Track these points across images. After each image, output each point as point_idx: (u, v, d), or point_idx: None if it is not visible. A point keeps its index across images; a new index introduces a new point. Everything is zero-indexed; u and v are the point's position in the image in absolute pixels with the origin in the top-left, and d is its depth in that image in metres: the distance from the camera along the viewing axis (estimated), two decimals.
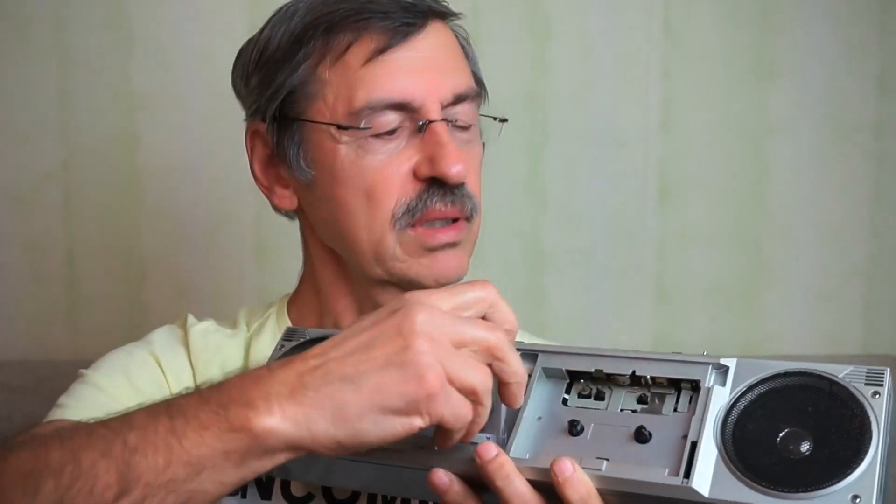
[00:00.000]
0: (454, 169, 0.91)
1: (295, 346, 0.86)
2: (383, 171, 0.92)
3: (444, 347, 0.69)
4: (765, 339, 1.59)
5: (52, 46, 1.56)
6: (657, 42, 1.58)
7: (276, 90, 0.95)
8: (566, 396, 0.78)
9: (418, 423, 0.69)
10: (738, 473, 0.69)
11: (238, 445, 0.68)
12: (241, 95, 1.02)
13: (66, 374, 1.44)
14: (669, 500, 0.70)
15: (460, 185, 0.94)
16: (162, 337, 1.03)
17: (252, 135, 1.00)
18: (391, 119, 0.92)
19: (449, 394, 0.69)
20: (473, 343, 0.70)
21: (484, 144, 1.03)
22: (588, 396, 0.78)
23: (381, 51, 0.92)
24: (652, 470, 0.71)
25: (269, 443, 0.68)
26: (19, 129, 1.58)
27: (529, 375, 0.77)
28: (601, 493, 0.71)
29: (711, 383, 0.74)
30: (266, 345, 1.00)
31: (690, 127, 1.59)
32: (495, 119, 1.03)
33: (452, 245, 0.95)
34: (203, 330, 1.02)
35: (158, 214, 1.58)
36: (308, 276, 1.04)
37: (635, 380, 0.77)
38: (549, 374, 0.79)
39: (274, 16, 0.98)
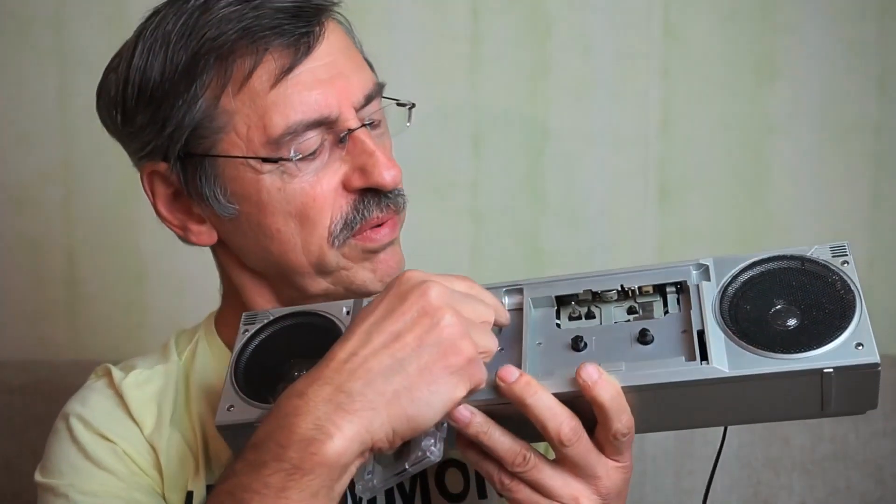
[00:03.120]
0: (389, 176, 0.89)
1: (260, 327, 0.86)
2: (312, 192, 0.89)
3: (464, 317, 0.72)
4: None
5: (52, 46, 1.57)
6: (657, 42, 1.58)
7: (175, 129, 0.89)
8: (558, 322, 0.81)
9: (461, 392, 0.71)
10: (750, 347, 0.73)
11: (319, 483, 0.69)
12: (118, 135, 0.96)
13: (66, 374, 1.45)
14: (691, 386, 0.73)
15: (393, 189, 0.91)
16: (95, 410, 0.96)
17: (150, 176, 0.94)
18: (314, 140, 0.88)
19: (480, 358, 0.73)
20: (478, 316, 0.74)
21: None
22: (579, 318, 0.81)
23: (288, 70, 0.87)
24: (668, 361, 0.75)
25: (343, 461, 0.69)
26: (19, 129, 1.58)
27: (521, 308, 0.81)
28: (624, 390, 0.74)
29: (697, 280, 0.78)
30: (202, 370, 0.97)
31: (690, 127, 1.59)
32: (402, 105, 0.97)
33: (390, 243, 0.93)
34: (135, 382, 0.97)
35: None
36: (231, 295, 1.00)
37: (622, 293, 0.80)
38: (537, 303, 0.81)
39: (138, 42, 0.91)
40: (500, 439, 0.75)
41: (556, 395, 0.74)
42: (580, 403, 0.74)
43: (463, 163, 1.60)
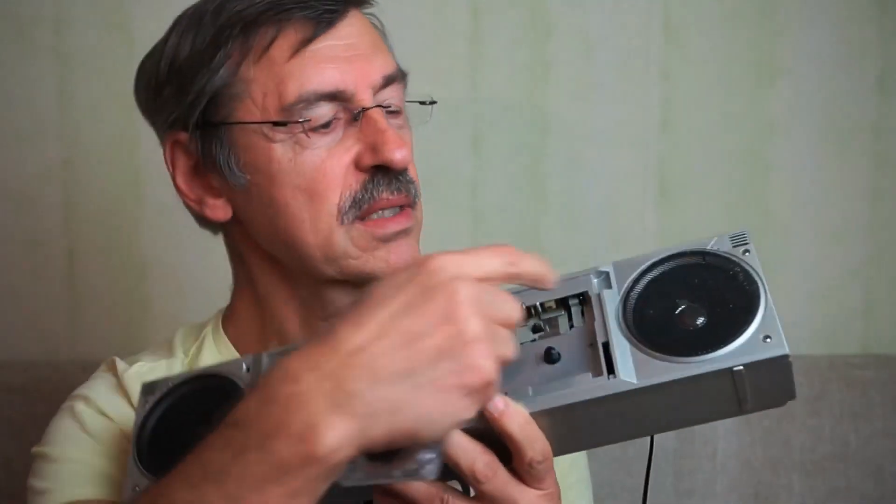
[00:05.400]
0: (398, 154, 0.88)
1: (160, 397, 0.82)
2: (323, 166, 0.89)
3: (490, 327, 0.64)
4: None
5: (52, 46, 1.56)
6: (657, 42, 1.58)
7: (196, 96, 0.91)
8: None
9: (470, 415, 0.65)
10: (655, 353, 0.70)
11: (303, 482, 0.62)
12: (149, 111, 0.98)
13: (66, 374, 1.45)
14: (603, 402, 0.71)
15: (404, 171, 0.91)
16: (98, 390, 0.97)
17: (172, 147, 0.95)
18: (326, 111, 0.89)
19: (496, 380, 0.65)
20: (506, 318, 0.66)
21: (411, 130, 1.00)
22: None
23: (308, 41, 0.89)
24: (575, 379, 0.72)
25: (332, 463, 0.62)
26: (19, 129, 1.58)
27: None
28: (534, 416, 0.71)
29: (599, 289, 0.75)
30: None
31: (690, 127, 1.59)
32: (423, 103, 0.98)
33: (404, 233, 0.92)
34: (137, 373, 0.97)
35: (158, 214, 1.58)
36: (244, 287, 0.99)
37: (525, 312, 0.75)
38: None
39: (175, 25, 0.95)
40: (414, 484, 0.72)
41: (465, 430, 0.70)
42: (493, 435, 0.70)
43: (463, 162, 1.60)
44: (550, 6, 1.58)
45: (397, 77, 0.94)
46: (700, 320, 0.71)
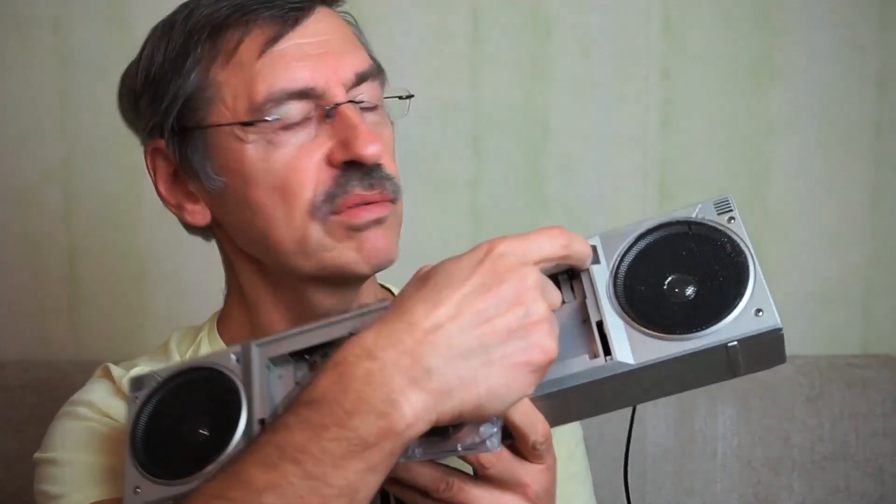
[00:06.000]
0: (369, 149, 0.87)
1: (150, 393, 0.81)
2: (295, 164, 0.88)
3: (549, 311, 0.69)
4: None
5: (52, 46, 1.57)
6: (657, 42, 1.58)
7: (169, 102, 0.91)
8: None
9: (531, 391, 0.68)
10: (651, 332, 0.71)
11: (380, 456, 0.65)
12: (130, 121, 0.98)
13: (66, 374, 1.45)
14: (601, 383, 0.72)
15: (378, 167, 0.89)
16: (97, 394, 0.97)
17: (152, 154, 0.95)
18: (296, 110, 0.88)
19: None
20: (555, 306, 0.71)
21: (393, 125, 0.99)
22: None
23: (274, 40, 0.88)
24: (573, 361, 0.72)
25: (408, 437, 0.65)
26: (19, 129, 1.58)
27: None
28: (533, 401, 0.72)
29: (588, 264, 0.75)
30: None
31: (690, 127, 1.59)
32: (400, 98, 0.97)
33: (378, 222, 0.90)
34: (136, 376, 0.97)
35: (158, 214, 1.58)
36: (233, 291, 0.99)
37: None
38: None
39: (151, 35, 0.95)
40: (418, 471, 0.73)
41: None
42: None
43: (463, 162, 1.60)
44: (550, 6, 1.58)
45: (372, 74, 0.92)
46: (690, 294, 0.72)
